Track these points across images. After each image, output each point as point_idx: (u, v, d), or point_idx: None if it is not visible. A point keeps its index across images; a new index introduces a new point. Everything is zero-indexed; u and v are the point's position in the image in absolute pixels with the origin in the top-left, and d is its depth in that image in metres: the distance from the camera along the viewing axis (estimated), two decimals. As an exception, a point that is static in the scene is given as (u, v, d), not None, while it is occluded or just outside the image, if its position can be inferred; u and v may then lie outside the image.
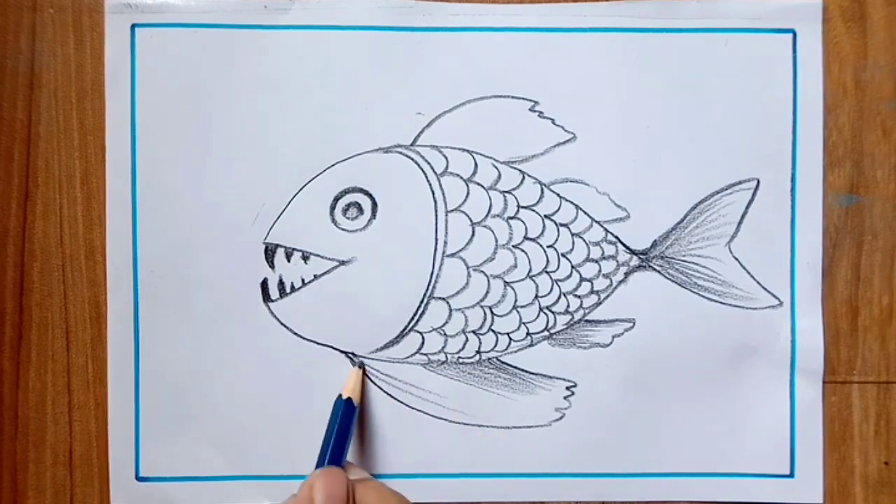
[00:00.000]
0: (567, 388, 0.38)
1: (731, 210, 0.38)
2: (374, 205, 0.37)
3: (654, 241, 0.38)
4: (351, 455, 0.37)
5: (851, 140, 0.38)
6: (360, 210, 0.37)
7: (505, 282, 0.38)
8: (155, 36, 0.37)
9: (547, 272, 0.38)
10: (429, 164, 0.37)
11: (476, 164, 0.37)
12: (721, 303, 0.38)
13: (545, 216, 0.38)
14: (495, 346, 0.38)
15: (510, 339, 0.38)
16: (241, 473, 0.38)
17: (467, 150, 0.37)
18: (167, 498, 0.37)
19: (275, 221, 0.37)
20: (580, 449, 0.38)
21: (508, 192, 0.37)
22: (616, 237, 0.38)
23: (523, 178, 0.37)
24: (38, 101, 0.37)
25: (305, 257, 0.37)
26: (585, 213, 0.38)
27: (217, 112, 0.37)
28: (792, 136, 0.38)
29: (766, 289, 0.38)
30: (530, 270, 0.38)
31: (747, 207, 0.38)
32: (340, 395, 0.36)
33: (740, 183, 0.38)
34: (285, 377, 0.37)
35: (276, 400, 0.37)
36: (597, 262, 0.38)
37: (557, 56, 0.37)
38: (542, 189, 0.38)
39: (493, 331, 0.38)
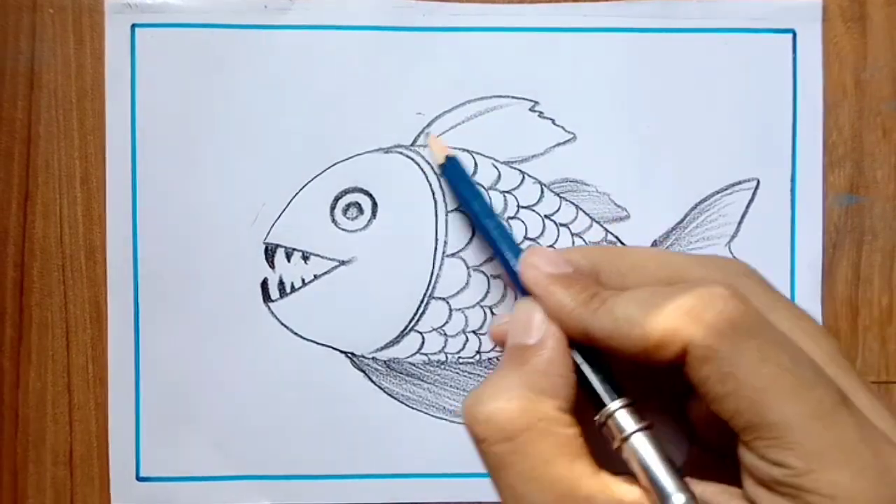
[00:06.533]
0: (567, 388, 0.38)
1: (731, 210, 0.38)
2: (375, 205, 0.37)
3: (655, 241, 0.38)
4: (351, 455, 0.37)
5: (851, 140, 0.38)
6: (361, 210, 0.37)
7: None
8: (155, 36, 0.37)
9: (547, 272, 0.38)
10: (429, 164, 0.37)
11: (476, 164, 0.37)
12: (721, 303, 0.38)
13: (545, 216, 0.38)
14: (495, 346, 0.38)
15: (510, 339, 0.38)
16: (241, 473, 0.38)
17: (467, 150, 0.37)
18: (167, 498, 0.37)
19: (275, 221, 0.37)
20: (580, 449, 0.38)
21: (508, 192, 0.37)
22: (616, 237, 0.38)
23: (523, 178, 0.37)
24: (38, 101, 0.37)
25: (305, 257, 0.37)
26: (585, 213, 0.38)
27: (217, 112, 0.37)
28: (792, 137, 0.38)
29: (766, 289, 0.38)
30: (530, 270, 0.38)
31: (747, 207, 0.38)
32: (441, 165, 0.35)
33: (740, 183, 0.38)
34: (285, 377, 0.37)
35: (276, 400, 0.37)
36: (597, 262, 0.38)
37: (557, 56, 0.37)
38: (542, 189, 0.38)
39: (493, 331, 0.38)
